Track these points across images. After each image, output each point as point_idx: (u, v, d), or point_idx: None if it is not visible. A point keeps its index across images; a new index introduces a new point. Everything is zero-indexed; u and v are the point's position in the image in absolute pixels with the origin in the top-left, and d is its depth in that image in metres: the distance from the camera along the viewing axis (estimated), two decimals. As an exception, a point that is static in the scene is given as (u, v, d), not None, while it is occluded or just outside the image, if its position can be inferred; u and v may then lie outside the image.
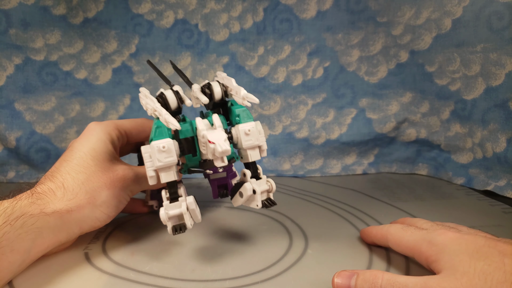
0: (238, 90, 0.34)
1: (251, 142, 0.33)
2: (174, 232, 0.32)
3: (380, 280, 0.27)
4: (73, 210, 0.33)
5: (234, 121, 0.35)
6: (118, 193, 0.36)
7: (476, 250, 0.26)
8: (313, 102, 0.64)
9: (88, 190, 0.34)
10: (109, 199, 0.35)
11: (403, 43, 0.60)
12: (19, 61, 0.59)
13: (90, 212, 0.34)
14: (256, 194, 0.33)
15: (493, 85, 0.52)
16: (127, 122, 0.41)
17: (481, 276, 0.24)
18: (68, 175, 0.34)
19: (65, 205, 0.32)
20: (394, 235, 0.32)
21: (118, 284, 0.30)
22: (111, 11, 0.60)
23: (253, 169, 0.35)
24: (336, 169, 0.64)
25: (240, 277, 0.31)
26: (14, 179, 0.59)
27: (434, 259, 0.28)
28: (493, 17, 0.50)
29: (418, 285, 0.25)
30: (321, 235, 0.39)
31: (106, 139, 0.38)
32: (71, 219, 0.33)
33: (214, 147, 0.29)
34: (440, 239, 0.28)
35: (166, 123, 0.31)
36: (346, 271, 0.29)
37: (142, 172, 0.38)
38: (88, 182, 0.34)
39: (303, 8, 0.61)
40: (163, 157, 0.31)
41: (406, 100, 0.63)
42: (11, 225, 0.28)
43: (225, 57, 0.63)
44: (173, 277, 0.31)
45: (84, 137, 0.37)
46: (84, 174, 0.35)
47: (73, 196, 0.33)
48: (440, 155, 0.62)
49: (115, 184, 0.36)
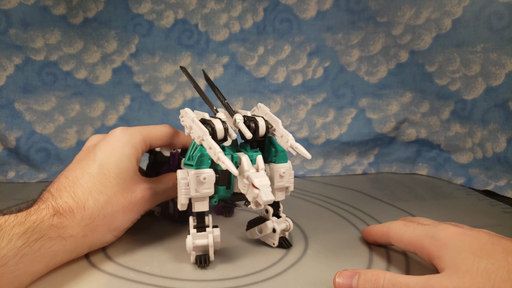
0: (286, 136, 0.33)
1: (282, 184, 0.34)
2: (199, 264, 0.32)
3: (382, 280, 0.26)
4: (88, 235, 0.32)
5: (270, 158, 0.34)
6: (133, 217, 0.35)
7: (479, 247, 0.26)
8: (313, 102, 0.64)
9: (106, 215, 0.33)
10: (122, 224, 0.35)
11: (403, 43, 0.60)
12: (19, 61, 0.59)
13: (103, 236, 0.34)
14: (275, 233, 0.35)
15: (493, 85, 0.52)
16: (154, 132, 0.38)
17: (484, 274, 0.24)
18: (90, 195, 0.32)
19: (82, 229, 0.31)
20: (396, 231, 0.32)
21: (118, 284, 0.30)
22: (111, 11, 0.60)
23: (275, 207, 0.35)
24: (336, 169, 0.64)
25: (240, 277, 0.31)
26: (14, 179, 0.59)
27: (436, 255, 0.27)
28: (493, 17, 0.50)
29: (419, 284, 0.25)
30: (321, 235, 0.39)
31: (131, 154, 0.35)
32: (85, 243, 0.32)
33: (258, 193, 0.29)
34: (443, 234, 0.28)
35: (222, 164, 0.29)
36: (347, 270, 0.29)
37: (160, 189, 0.37)
38: (107, 205, 0.33)
39: (303, 8, 0.61)
40: (201, 188, 0.31)
41: (406, 100, 0.63)
42: (30, 247, 0.28)
43: (225, 57, 0.63)
44: (173, 277, 0.31)
45: (109, 147, 0.35)
46: (105, 195, 0.33)
47: (90, 221, 0.32)
48: (440, 155, 0.62)
49: (132, 208, 0.35)
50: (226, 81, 0.63)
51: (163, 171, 0.40)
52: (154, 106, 0.63)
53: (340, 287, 0.28)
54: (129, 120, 0.63)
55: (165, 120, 0.62)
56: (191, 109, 0.34)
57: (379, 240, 0.35)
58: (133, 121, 0.63)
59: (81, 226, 0.31)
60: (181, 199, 0.31)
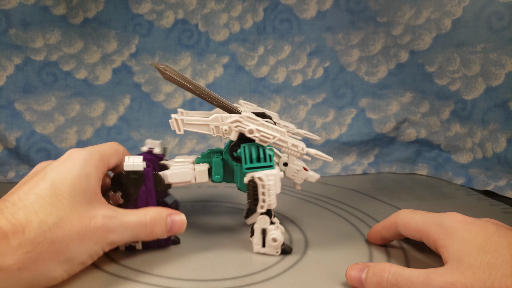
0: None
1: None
2: (289, 251, 0.35)
3: (386, 273, 0.27)
4: (27, 268, 0.25)
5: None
6: (92, 249, 0.29)
7: (485, 240, 0.26)
8: (313, 102, 0.64)
9: (55, 240, 0.26)
10: (78, 255, 0.28)
11: (403, 43, 0.60)
12: (19, 61, 0.59)
13: (48, 271, 0.26)
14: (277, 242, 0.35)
15: (493, 85, 0.52)
16: (108, 150, 0.33)
17: (486, 269, 0.24)
18: (35, 215, 0.26)
19: (18, 260, 0.24)
20: (403, 218, 0.32)
21: (118, 284, 0.30)
22: (111, 11, 0.60)
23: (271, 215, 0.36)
24: (336, 169, 0.64)
25: (240, 277, 0.31)
26: (14, 179, 0.59)
27: (442, 243, 0.28)
28: (493, 17, 0.50)
29: (421, 278, 0.26)
30: (321, 235, 0.39)
31: (91, 174, 0.30)
32: (22, 278, 0.25)
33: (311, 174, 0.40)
34: (450, 222, 0.28)
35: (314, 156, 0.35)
36: (359, 264, 0.30)
37: (129, 221, 0.31)
38: (56, 228, 0.26)
39: (303, 8, 0.61)
40: (279, 185, 0.34)
41: (406, 100, 0.63)
42: None
43: (225, 57, 0.63)
44: (173, 277, 0.31)
45: (63, 166, 0.30)
46: (54, 217, 0.26)
47: (32, 247, 0.25)
48: (440, 155, 0.62)
49: (90, 237, 0.28)
50: (226, 81, 0.63)
51: (141, 193, 0.34)
52: (154, 106, 0.63)
53: (351, 279, 0.29)
54: (129, 120, 0.63)
55: (165, 120, 0.62)
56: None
57: (386, 233, 0.35)
58: (133, 121, 0.63)
59: (18, 256, 0.24)
60: (273, 198, 0.33)
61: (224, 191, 0.53)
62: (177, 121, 0.34)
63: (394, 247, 0.36)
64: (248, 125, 0.33)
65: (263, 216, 0.34)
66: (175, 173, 0.35)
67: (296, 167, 0.39)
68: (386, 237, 0.36)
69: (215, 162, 0.36)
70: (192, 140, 0.63)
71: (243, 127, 0.33)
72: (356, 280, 0.29)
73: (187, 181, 0.35)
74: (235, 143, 0.35)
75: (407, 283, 0.26)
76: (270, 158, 0.34)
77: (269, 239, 0.34)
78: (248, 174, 0.33)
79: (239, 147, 0.34)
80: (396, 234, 0.34)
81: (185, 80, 0.34)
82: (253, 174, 0.33)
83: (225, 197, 0.51)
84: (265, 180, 0.33)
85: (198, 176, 0.36)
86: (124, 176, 0.33)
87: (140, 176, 0.33)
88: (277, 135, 0.33)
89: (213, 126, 0.34)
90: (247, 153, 0.34)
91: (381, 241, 0.36)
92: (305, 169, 0.40)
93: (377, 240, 0.37)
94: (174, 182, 0.35)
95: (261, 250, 0.35)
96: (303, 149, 0.34)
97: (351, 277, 0.29)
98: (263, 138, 0.33)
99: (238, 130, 0.33)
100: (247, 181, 0.33)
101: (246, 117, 0.33)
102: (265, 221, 0.34)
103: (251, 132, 0.33)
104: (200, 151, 0.62)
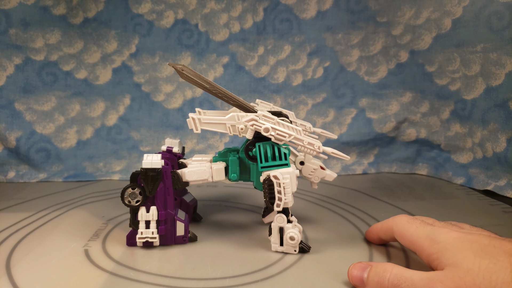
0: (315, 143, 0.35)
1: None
2: (307, 249, 0.35)
3: (388, 274, 0.27)
4: None
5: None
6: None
7: (480, 248, 0.26)
8: (313, 102, 0.64)
9: None
10: None
11: (403, 43, 0.60)
12: (19, 61, 0.59)
13: None
14: (295, 241, 0.34)
15: (493, 85, 0.52)
16: None
17: (486, 274, 0.24)
18: None
19: None
20: (400, 227, 0.32)
21: (118, 283, 0.30)
22: (111, 11, 0.60)
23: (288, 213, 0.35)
24: (336, 169, 0.64)
25: (240, 276, 0.31)
26: (14, 179, 0.59)
27: (435, 257, 0.27)
28: (493, 17, 0.50)
29: (423, 281, 0.25)
30: (321, 235, 0.39)
31: None
32: None
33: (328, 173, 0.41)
34: (443, 237, 0.28)
35: (331, 154, 0.35)
36: (361, 263, 0.30)
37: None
38: None
39: (303, 8, 0.61)
40: (296, 184, 0.34)
41: (406, 100, 0.63)
42: None
43: (225, 57, 0.63)
44: (173, 276, 0.31)
45: None
46: None
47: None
48: (440, 155, 0.62)
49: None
50: (226, 81, 0.63)
51: (159, 190, 0.35)
52: (154, 106, 0.63)
53: (353, 278, 0.29)
54: (129, 120, 0.63)
55: (165, 120, 0.62)
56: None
57: (383, 235, 0.35)
58: (133, 121, 0.63)
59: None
60: (289, 197, 0.33)
61: (240, 191, 0.53)
62: (195, 120, 0.34)
63: (394, 247, 0.36)
64: (264, 124, 0.33)
65: (280, 214, 0.34)
66: (193, 171, 0.35)
67: (313, 166, 0.39)
68: (383, 238, 0.36)
69: (231, 161, 0.37)
70: (192, 140, 0.63)
71: (259, 125, 0.33)
72: (358, 279, 0.29)
73: (204, 179, 0.36)
74: (250, 142, 0.35)
75: (409, 285, 0.26)
76: (286, 156, 0.34)
77: (287, 237, 0.34)
78: (264, 172, 0.34)
79: (255, 146, 0.34)
80: (392, 238, 0.34)
81: (202, 79, 0.35)
82: (269, 172, 0.33)
83: (241, 197, 0.51)
84: (280, 178, 0.32)
85: (215, 174, 0.36)
86: (142, 173, 0.34)
87: (158, 174, 0.34)
88: (293, 134, 0.33)
89: (229, 125, 0.34)
90: (262, 152, 0.34)
91: (378, 241, 0.37)
92: (322, 168, 0.40)
93: (374, 240, 0.37)
94: (191, 180, 0.35)
95: (279, 249, 0.35)
96: (319, 148, 0.34)
97: (352, 276, 0.29)
98: (278, 136, 0.33)
99: (254, 129, 0.34)
100: (263, 179, 0.33)
101: (262, 116, 0.34)
102: (282, 219, 0.34)
103: (267, 130, 0.33)
104: (200, 150, 0.62)
